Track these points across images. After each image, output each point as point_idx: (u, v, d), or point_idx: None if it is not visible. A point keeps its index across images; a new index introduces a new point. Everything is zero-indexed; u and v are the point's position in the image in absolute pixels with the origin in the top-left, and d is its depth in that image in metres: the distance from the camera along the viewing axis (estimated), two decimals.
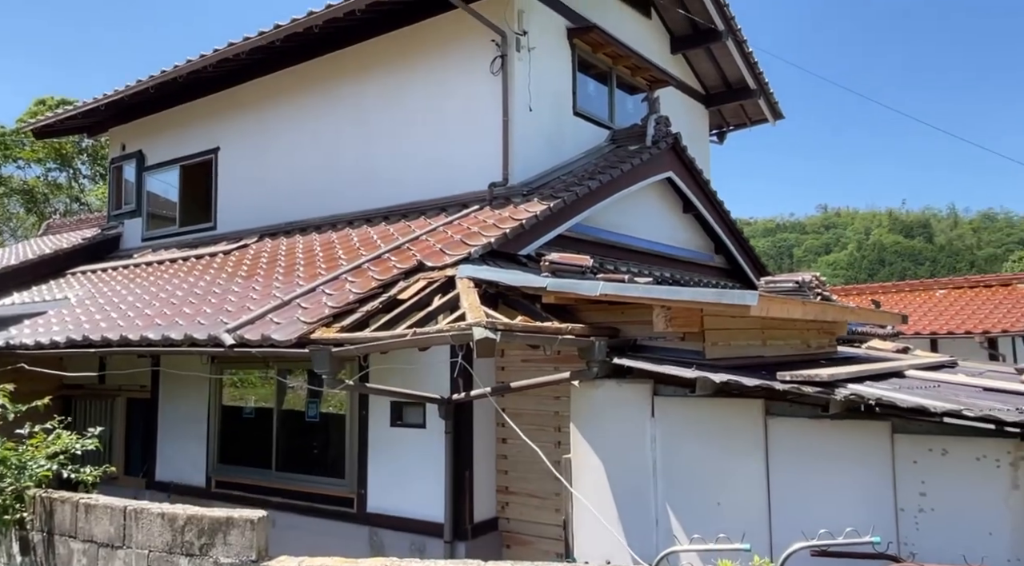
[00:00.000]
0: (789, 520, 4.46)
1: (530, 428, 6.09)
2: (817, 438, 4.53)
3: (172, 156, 11.73)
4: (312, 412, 7.29)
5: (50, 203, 33.38)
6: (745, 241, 11.45)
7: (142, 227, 12.32)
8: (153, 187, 12.32)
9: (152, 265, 10.40)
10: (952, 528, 4.16)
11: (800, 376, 4.37)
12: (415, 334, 4.59)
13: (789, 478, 4.56)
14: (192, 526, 4.12)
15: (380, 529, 6.36)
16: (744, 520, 4.56)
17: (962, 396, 4.58)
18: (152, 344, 6.10)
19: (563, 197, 7.47)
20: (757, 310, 4.49)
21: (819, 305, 5.55)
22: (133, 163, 12.47)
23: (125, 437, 9.09)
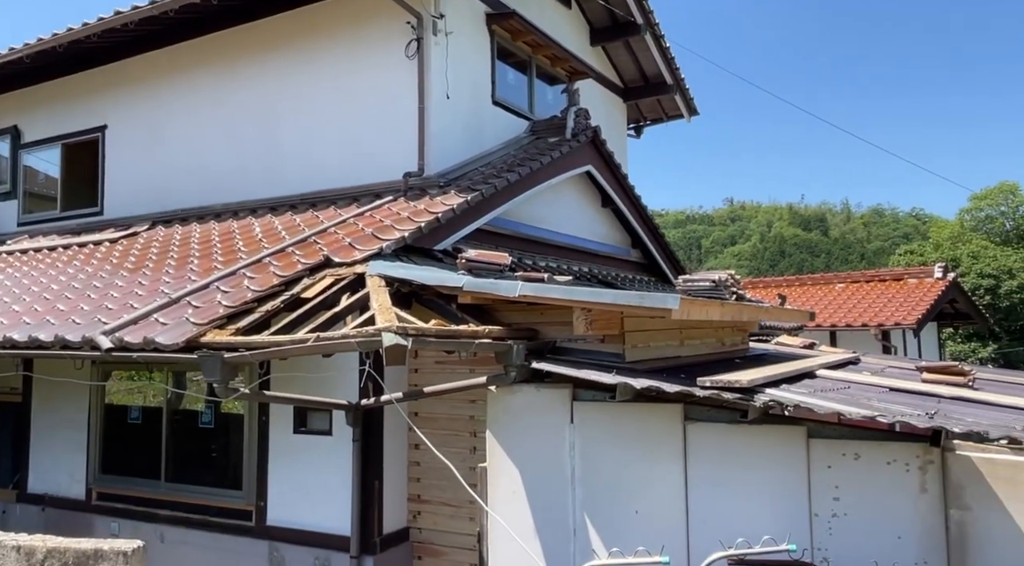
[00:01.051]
0: (707, 528, 4.38)
1: (445, 434, 5.82)
2: (735, 444, 4.47)
3: (53, 133, 10.67)
4: (206, 417, 6.73)
5: None
6: (661, 236, 11.53)
7: (18, 210, 11.18)
8: (31, 163, 11.20)
9: (27, 253, 9.42)
10: (864, 533, 4.18)
11: (720, 381, 4.28)
12: (318, 339, 4.21)
13: (707, 485, 4.48)
14: (54, 560, 3.61)
15: (281, 544, 5.93)
16: (663, 529, 4.45)
17: (873, 399, 4.63)
18: (16, 346, 5.42)
19: (481, 190, 7.19)
20: (679, 313, 4.36)
21: (736, 306, 5.52)
22: (7, 140, 11.28)
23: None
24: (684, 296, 4.42)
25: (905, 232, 69.26)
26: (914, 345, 15.14)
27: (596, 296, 4.67)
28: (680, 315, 4.41)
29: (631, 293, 4.53)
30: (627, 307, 4.62)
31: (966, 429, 3.57)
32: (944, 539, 4.01)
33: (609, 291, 4.62)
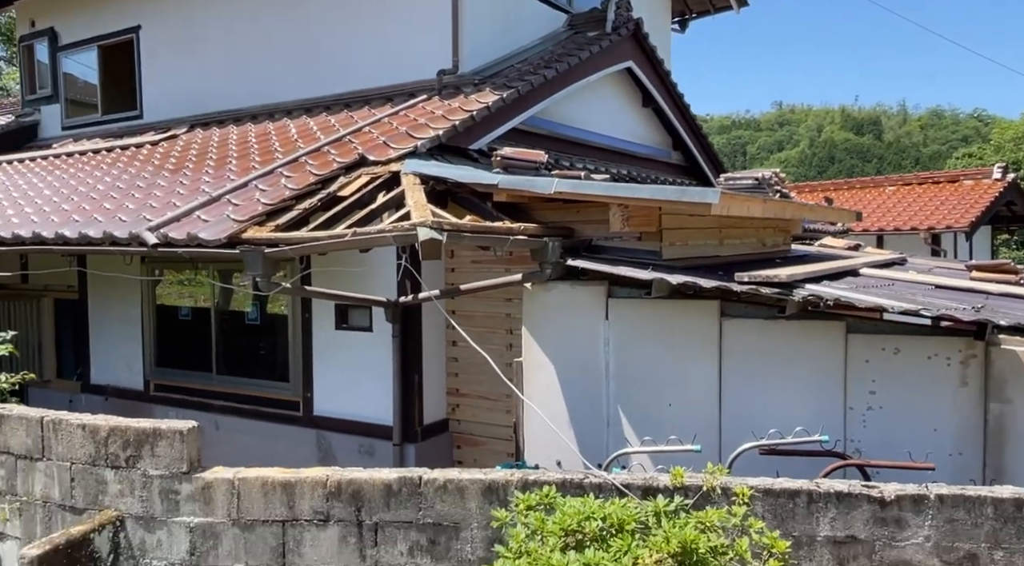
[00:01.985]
0: (740, 421, 4.45)
1: (481, 331, 5.91)
2: (771, 339, 4.46)
3: (89, 34, 10.58)
4: (252, 315, 6.96)
5: None
6: (704, 137, 11.14)
7: (61, 114, 11.29)
8: (71, 69, 11.20)
9: (73, 156, 9.59)
10: (899, 425, 4.19)
11: (758, 276, 4.22)
12: (355, 234, 4.24)
13: (741, 379, 4.52)
14: (116, 438, 3.86)
15: (328, 432, 6.24)
16: (695, 421, 4.53)
17: (917, 295, 4.53)
18: (68, 242, 5.61)
19: (517, 87, 6.98)
20: (718, 208, 4.26)
21: (778, 203, 5.36)
22: (45, 42, 11.25)
23: (55, 339, 8.65)
24: (725, 191, 4.30)
25: (965, 135, 65.73)
26: (965, 250, 14.64)
27: (633, 192, 4.58)
28: (720, 210, 4.30)
29: (669, 188, 4.43)
30: (665, 203, 4.53)
31: (1014, 322, 3.48)
32: (982, 432, 4.01)
33: (647, 186, 4.52)
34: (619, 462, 4.41)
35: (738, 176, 6.01)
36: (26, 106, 11.85)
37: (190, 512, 3.81)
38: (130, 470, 3.86)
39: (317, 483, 3.74)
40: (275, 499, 3.76)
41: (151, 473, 3.83)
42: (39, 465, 4.11)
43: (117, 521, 3.87)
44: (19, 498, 4.17)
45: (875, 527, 3.21)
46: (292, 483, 3.76)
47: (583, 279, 4.95)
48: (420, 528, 3.62)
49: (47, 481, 4.08)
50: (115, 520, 3.86)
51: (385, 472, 3.75)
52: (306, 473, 3.79)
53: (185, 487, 3.80)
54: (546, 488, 3.19)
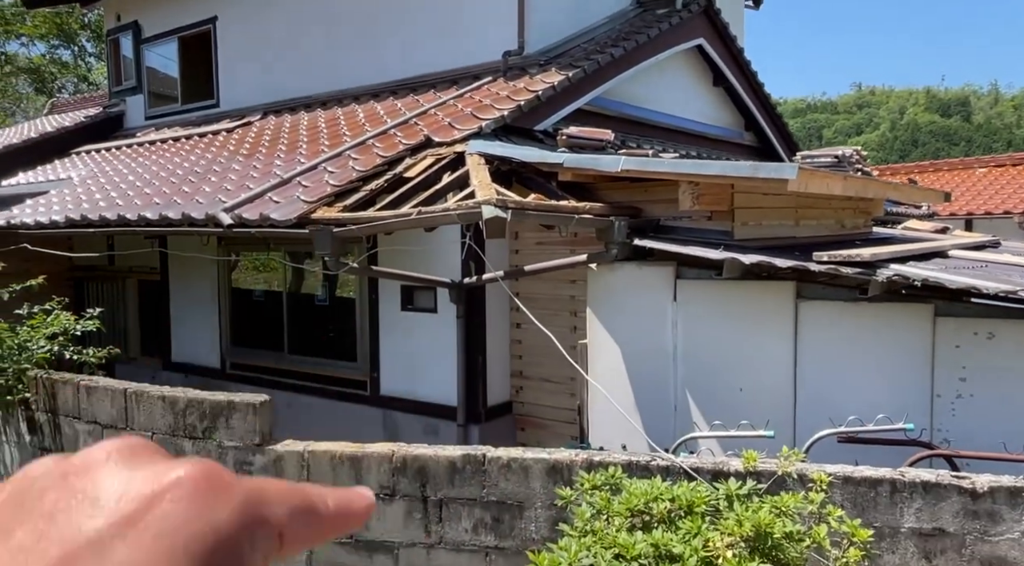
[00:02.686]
0: (816, 407, 4.26)
1: (545, 313, 5.86)
2: (851, 322, 4.24)
3: (169, 27, 11.00)
4: (322, 295, 7.11)
5: (58, 83, 32.54)
6: (778, 117, 10.73)
7: (144, 105, 11.79)
8: (153, 61, 11.68)
9: (155, 144, 10.00)
10: (992, 415, 3.93)
11: (838, 256, 4.01)
12: (420, 213, 4.25)
13: (818, 364, 4.32)
14: (193, 409, 4.00)
15: (394, 412, 6.32)
16: (768, 406, 4.37)
17: (1014, 276, 4.22)
18: (150, 223, 5.84)
19: (583, 66, 6.85)
20: (795, 185, 4.06)
21: (860, 180, 5.09)
22: (129, 35, 11.75)
23: (140, 318, 9.08)
24: (803, 167, 4.10)
25: None
26: None
27: (704, 168, 4.43)
28: (797, 187, 4.10)
29: (743, 164, 4.26)
30: (738, 180, 4.36)
31: None
32: None
33: (718, 162, 4.36)
34: (687, 447, 4.29)
35: (816, 154, 5.75)
36: (113, 97, 12.44)
37: None
38: (206, 441, 3.99)
39: (383, 458, 3.78)
40: (343, 472, 3.82)
41: (226, 444, 3.95)
42: (123, 434, 4.31)
43: None
44: None
45: (965, 520, 3.01)
46: (359, 457, 3.81)
47: (650, 260, 4.83)
48: (484, 506, 3.61)
49: None
50: None
51: (450, 449, 3.76)
52: (372, 448, 3.83)
53: (258, 459, 3.90)
54: (612, 469, 3.12)
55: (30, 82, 33.52)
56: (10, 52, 33.15)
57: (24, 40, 32.69)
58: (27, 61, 33.04)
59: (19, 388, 4.69)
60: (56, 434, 4.61)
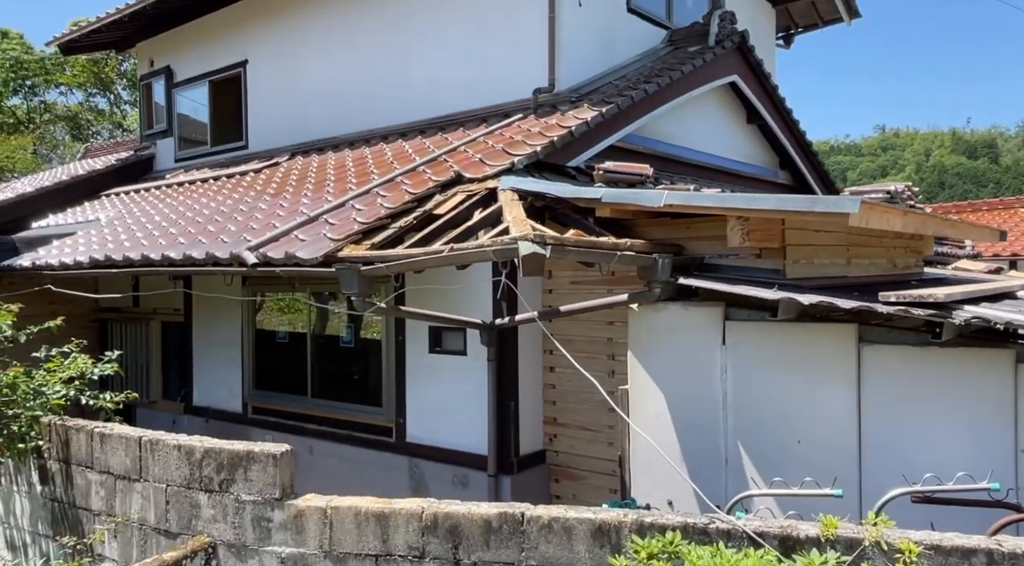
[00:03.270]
0: (885, 461, 3.88)
1: (581, 356, 5.55)
2: (922, 368, 3.89)
3: (200, 71, 11.12)
4: (347, 337, 6.88)
5: (94, 129, 33.46)
6: (814, 155, 10.46)
7: (174, 147, 11.88)
8: (183, 105, 11.81)
9: (183, 185, 10.00)
10: None
11: (907, 296, 3.68)
12: (452, 250, 4.02)
13: (885, 414, 3.96)
14: (210, 460, 3.74)
15: (420, 460, 6.00)
16: (830, 461, 4.00)
17: None
18: (173, 263, 5.69)
19: (616, 102, 6.68)
20: (856, 220, 3.77)
21: (919, 216, 4.78)
22: (162, 80, 11.92)
23: (162, 360, 8.91)
24: (865, 200, 3.81)
25: None
26: None
27: (755, 203, 4.16)
28: (858, 222, 3.81)
29: (798, 197, 3.98)
30: (792, 214, 4.08)
31: None
32: None
33: (771, 196, 4.09)
34: (742, 505, 3.92)
35: (865, 190, 5.46)
36: (144, 141, 12.57)
37: (282, 542, 3.62)
38: (223, 494, 3.72)
39: (412, 515, 3.48)
40: (368, 531, 3.52)
41: (244, 498, 3.67)
42: (136, 486, 4.05)
43: (209, 547, 3.72)
44: (116, 519, 4.12)
45: None
46: (386, 514, 3.51)
47: (696, 300, 4.53)
48: None
49: (143, 503, 4.01)
50: (207, 547, 3.72)
51: (484, 507, 3.44)
52: (400, 504, 3.53)
53: (277, 515, 3.61)
54: (669, 534, 2.78)
55: (67, 129, 34.53)
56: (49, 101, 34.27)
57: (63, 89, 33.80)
58: (65, 109, 34.10)
59: (32, 435, 4.48)
60: (68, 485, 4.37)
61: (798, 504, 3.80)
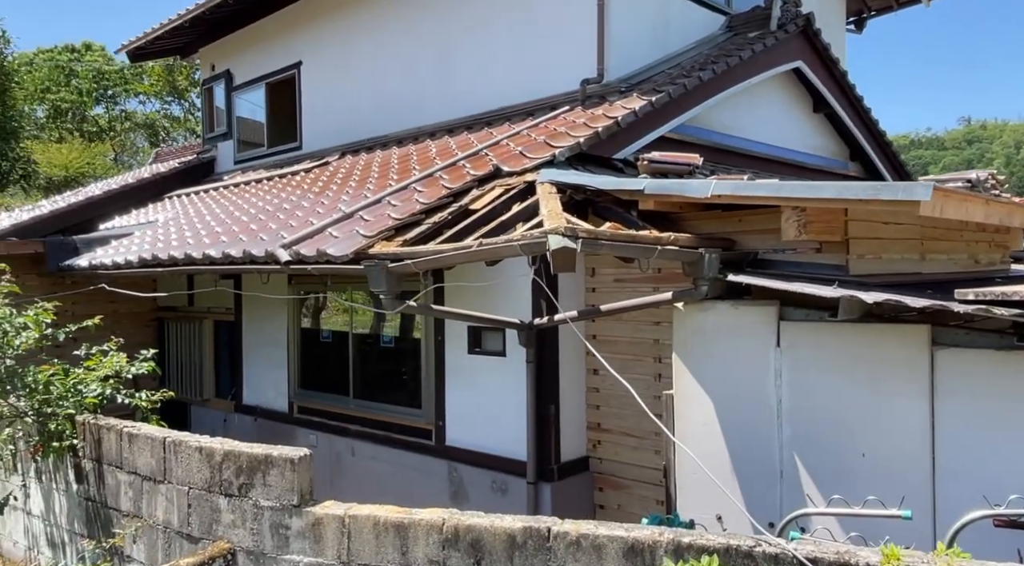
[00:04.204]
0: (962, 480, 3.45)
1: (626, 358, 5.26)
2: (1005, 375, 3.43)
3: (257, 74, 11.29)
4: (387, 337, 6.76)
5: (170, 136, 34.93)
6: (888, 145, 9.77)
7: (234, 149, 12.11)
8: (242, 108, 12.02)
9: (239, 186, 10.15)
10: None
11: (988, 294, 3.25)
12: (481, 245, 3.80)
13: (963, 426, 3.52)
14: (230, 463, 3.63)
15: (460, 464, 5.81)
16: (898, 477, 3.59)
17: None
18: (214, 262, 5.68)
19: (667, 91, 6.33)
20: (928, 208, 3.35)
21: (1005, 205, 4.27)
22: (222, 83, 12.16)
23: (214, 359, 9.03)
24: (938, 187, 3.39)
25: None
26: None
27: (813, 191, 3.77)
28: (930, 211, 3.39)
29: (860, 184, 3.58)
30: (855, 203, 3.68)
31: None
32: None
33: (830, 184, 3.70)
34: (797, 524, 3.56)
35: (944, 178, 4.96)
36: (206, 143, 12.88)
37: (299, 550, 3.48)
38: (242, 499, 3.60)
39: (432, 527, 3.27)
40: (387, 542, 3.33)
41: (262, 504, 3.54)
42: (161, 487, 3.99)
43: (228, 554, 3.61)
44: (144, 520, 4.07)
45: None
46: (405, 525, 3.31)
47: (748, 299, 4.17)
48: None
49: (167, 505, 3.94)
50: (227, 553, 3.61)
51: (508, 520, 3.20)
52: (420, 515, 3.33)
53: (295, 522, 3.47)
54: (706, 559, 2.48)
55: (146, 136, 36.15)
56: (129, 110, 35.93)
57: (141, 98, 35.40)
58: (143, 117, 35.70)
59: (67, 434, 4.50)
60: (100, 484, 4.36)
61: (861, 525, 3.41)
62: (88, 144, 30.12)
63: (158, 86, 33.05)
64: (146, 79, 32.85)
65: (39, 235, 8.88)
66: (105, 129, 33.97)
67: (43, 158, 24.84)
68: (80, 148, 27.87)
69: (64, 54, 32.50)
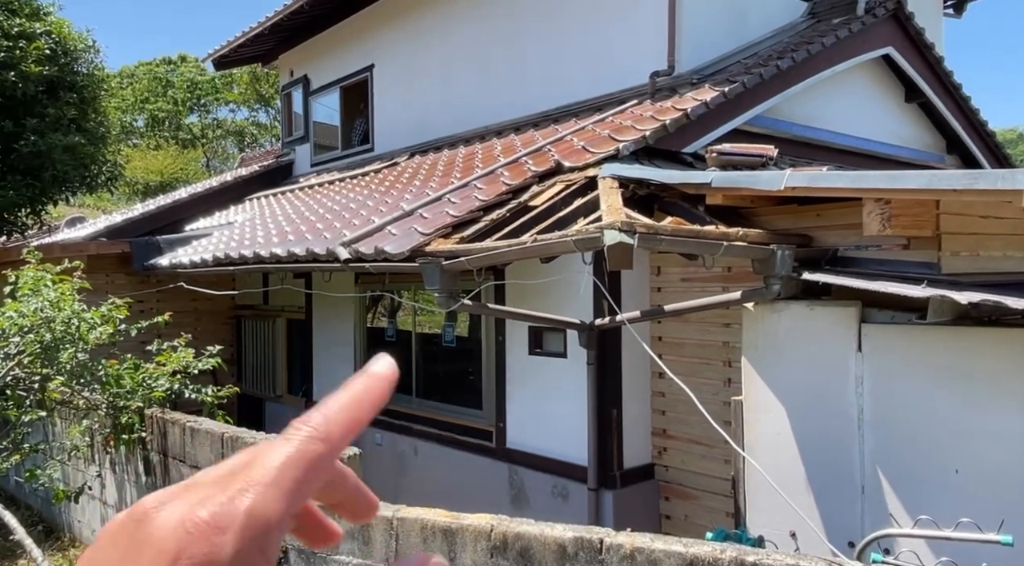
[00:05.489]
0: None
1: (693, 362, 5.01)
2: None
3: (333, 78, 11.53)
4: (448, 337, 6.70)
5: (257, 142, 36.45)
6: (990, 137, 9.02)
7: (310, 152, 12.42)
8: (319, 112, 12.31)
9: (312, 188, 10.38)
10: None
11: None
12: (535, 241, 3.66)
13: None
14: None
15: (520, 467, 5.67)
16: (995, 498, 3.22)
17: None
18: (279, 260, 5.77)
19: (742, 81, 6.01)
20: None
21: None
22: (300, 88, 12.50)
23: (287, 356, 9.24)
24: None
25: None
26: None
27: (898, 181, 3.44)
28: None
29: (956, 173, 3.24)
30: (947, 194, 3.33)
31: None
32: None
33: (917, 173, 3.36)
34: (879, 545, 3.24)
35: None
36: (284, 147, 13.27)
37: (349, 551, 3.43)
38: None
39: (480, 533, 3.14)
40: (434, 546, 3.23)
41: None
42: None
43: (282, 551, 3.60)
44: None
45: None
46: (453, 530, 3.20)
47: (825, 299, 3.86)
48: None
49: None
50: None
51: (559, 529, 3.04)
52: (469, 520, 3.21)
53: (343, 522, 3.41)
54: None
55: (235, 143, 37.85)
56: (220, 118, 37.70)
57: (232, 106, 37.06)
58: (233, 124, 37.38)
59: (137, 427, 4.64)
60: (166, 476, 4.47)
61: (954, 549, 3.07)
62: (182, 151, 31.75)
63: (247, 94, 34.51)
64: (235, 88, 34.36)
65: (130, 236, 9.34)
66: (198, 136, 35.74)
67: (141, 164, 26.34)
68: (174, 154, 29.42)
69: (161, 66, 34.40)
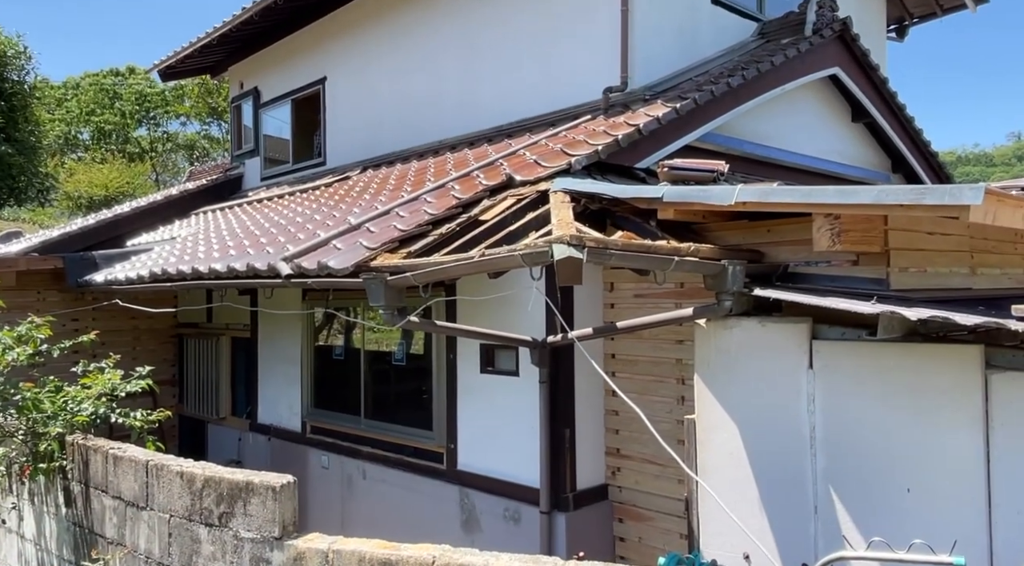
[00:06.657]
0: (1022, 523, 3.02)
1: (647, 379, 4.92)
2: None
3: (284, 90, 11.28)
4: (399, 355, 6.50)
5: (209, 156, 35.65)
6: (933, 156, 9.26)
7: (260, 166, 12.11)
8: (269, 125, 12.03)
9: (261, 202, 10.08)
10: None
11: None
12: (482, 255, 3.52)
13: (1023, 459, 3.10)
14: (210, 490, 3.38)
15: (471, 490, 5.49)
16: (949, 517, 3.18)
17: None
18: (219, 275, 5.51)
19: (693, 97, 6.02)
20: (979, 215, 2.97)
21: None
22: (250, 101, 12.20)
23: (231, 376, 8.89)
24: (992, 191, 3.01)
25: None
26: None
27: (847, 197, 3.41)
28: (983, 217, 3.01)
29: (904, 188, 3.22)
30: (895, 209, 3.30)
31: None
32: None
33: (868, 188, 3.34)
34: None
35: (1007, 185, 4.52)
36: (233, 161, 12.92)
37: None
38: (222, 529, 3.35)
39: (421, 565, 2.96)
40: None
41: (243, 535, 3.28)
42: (143, 514, 3.77)
43: None
44: (126, 549, 3.85)
45: None
46: (392, 562, 3.01)
47: (777, 315, 3.81)
48: None
49: (149, 534, 3.72)
50: None
51: (504, 559, 2.88)
52: (409, 551, 3.03)
53: (276, 556, 3.20)
54: None
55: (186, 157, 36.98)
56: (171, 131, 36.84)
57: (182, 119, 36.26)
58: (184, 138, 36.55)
59: (57, 455, 4.33)
60: (87, 508, 4.17)
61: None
62: (129, 164, 30.85)
63: (198, 107, 33.80)
64: (187, 101, 33.63)
65: (66, 251, 8.89)
66: (147, 150, 34.82)
67: (85, 178, 25.45)
68: (121, 168, 28.55)
69: (109, 77, 33.48)
